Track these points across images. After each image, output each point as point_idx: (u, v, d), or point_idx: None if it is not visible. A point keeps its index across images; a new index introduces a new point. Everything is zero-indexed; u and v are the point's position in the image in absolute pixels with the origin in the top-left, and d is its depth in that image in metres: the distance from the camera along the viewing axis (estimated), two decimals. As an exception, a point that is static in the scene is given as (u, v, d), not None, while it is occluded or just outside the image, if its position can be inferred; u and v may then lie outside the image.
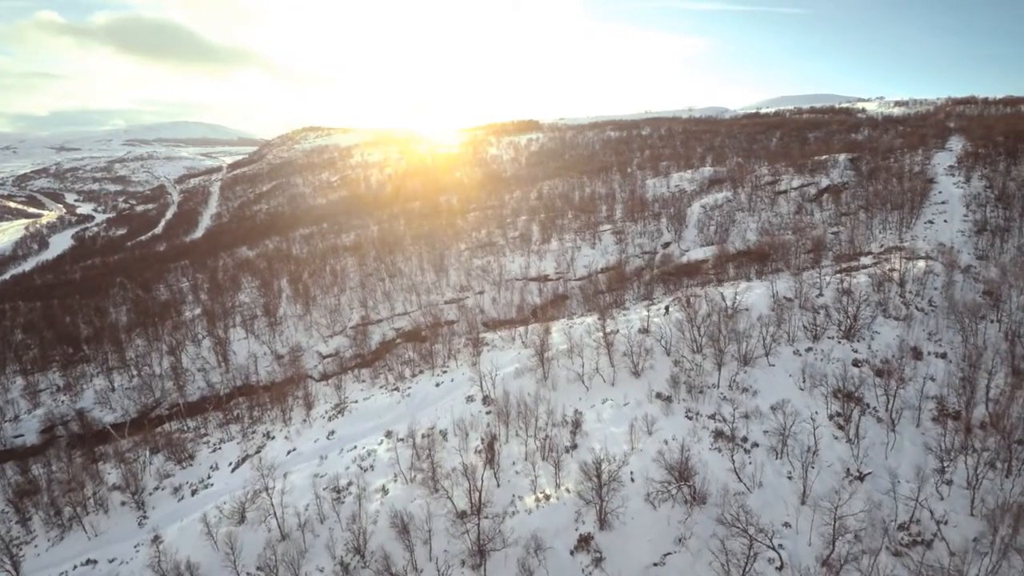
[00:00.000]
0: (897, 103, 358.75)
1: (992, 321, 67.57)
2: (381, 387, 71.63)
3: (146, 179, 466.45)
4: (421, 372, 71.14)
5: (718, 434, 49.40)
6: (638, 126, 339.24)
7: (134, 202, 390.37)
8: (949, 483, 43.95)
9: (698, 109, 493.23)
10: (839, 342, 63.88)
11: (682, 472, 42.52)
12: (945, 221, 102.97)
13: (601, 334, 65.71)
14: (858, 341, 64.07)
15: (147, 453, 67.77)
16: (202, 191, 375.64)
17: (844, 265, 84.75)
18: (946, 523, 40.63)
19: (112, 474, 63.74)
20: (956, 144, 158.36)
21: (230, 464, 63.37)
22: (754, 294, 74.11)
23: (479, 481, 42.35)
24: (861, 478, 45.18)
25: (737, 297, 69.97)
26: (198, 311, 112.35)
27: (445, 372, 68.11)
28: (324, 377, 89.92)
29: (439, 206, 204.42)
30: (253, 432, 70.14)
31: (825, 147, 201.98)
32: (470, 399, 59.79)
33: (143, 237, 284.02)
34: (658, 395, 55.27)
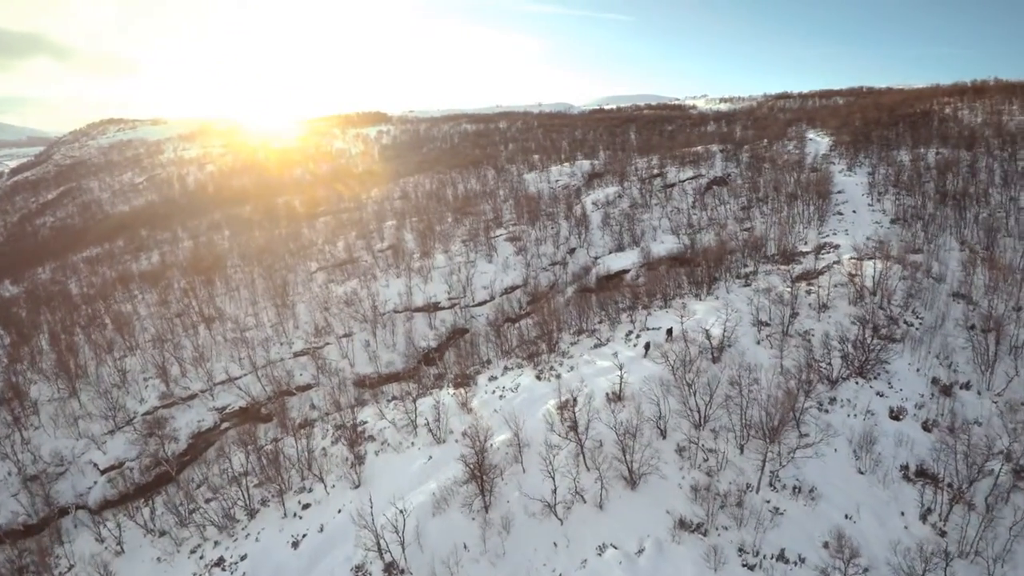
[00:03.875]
0: (722, 99, 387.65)
1: (986, 331, 58.28)
2: (188, 544, 41.10)
3: None
4: (265, 505, 41.88)
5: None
6: (494, 119, 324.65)
7: None
8: None
9: (546, 105, 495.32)
10: (856, 382, 48.64)
11: None
12: (854, 211, 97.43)
13: (554, 409, 43.01)
14: (874, 378, 49.48)
15: None
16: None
17: (797, 270, 71.88)
18: None
19: None
20: (814, 134, 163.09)
21: None
22: (720, 320, 56.90)
23: None
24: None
25: (711, 329, 51.87)
26: None
27: (306, 508, 39.90)
28: (102, 507, 55.44)
29: (277, 210, 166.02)
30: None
31: (687, 140, 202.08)
32: (360, 574, 33.01)
33: None
34: (681, 523, 33.93)
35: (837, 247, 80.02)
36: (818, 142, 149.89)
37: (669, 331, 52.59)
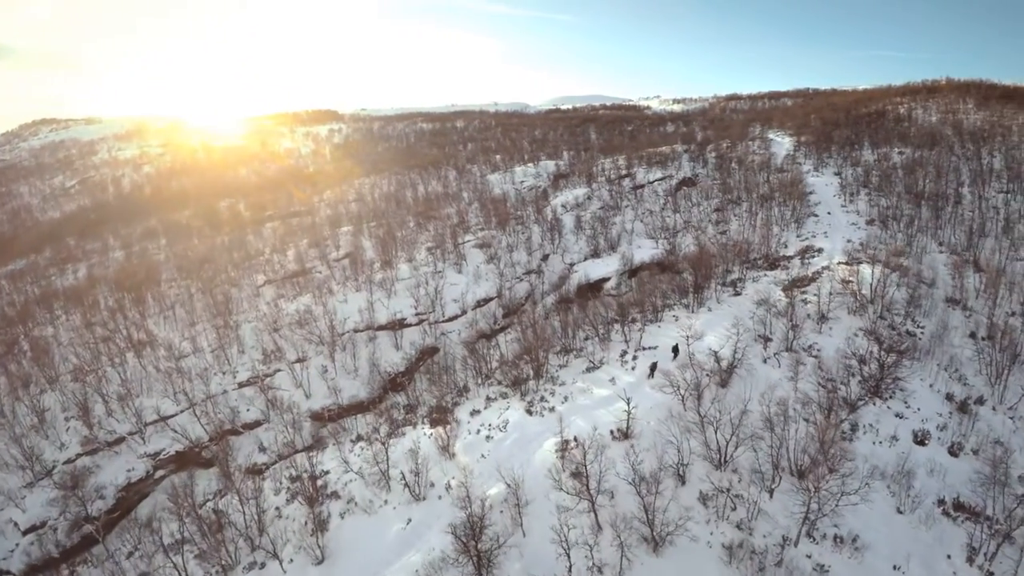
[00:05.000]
0: (675, 100, 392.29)
1: (983, 339, 55.90)
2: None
3: None
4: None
5: None
6: (451, 118, 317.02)
7: None
8: None
9: (503, 104, 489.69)
10: (874, 404, 44.65)
11: None
12: (828, 213, 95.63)
13: (554, 453, 36.88)
14: (890, 397, 45.64)
15: None
16: None
17: (786, 277, 68.30)
18: None
19: None
20: (774, 135, 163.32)
21: None
22: (719, 335, 52.18)
23: None
24: None
25: (718, 349, 46.93)
26: None
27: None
28: (28, 573, 45.64)
29: (219, 215, 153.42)
30: None
31: (649, 140, 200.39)
32: None
33: None
34: (719, 597, 28.35)
35: (820, 251, 77.34)
36: (780, 142, 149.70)
37: (675, 349, 47.40)
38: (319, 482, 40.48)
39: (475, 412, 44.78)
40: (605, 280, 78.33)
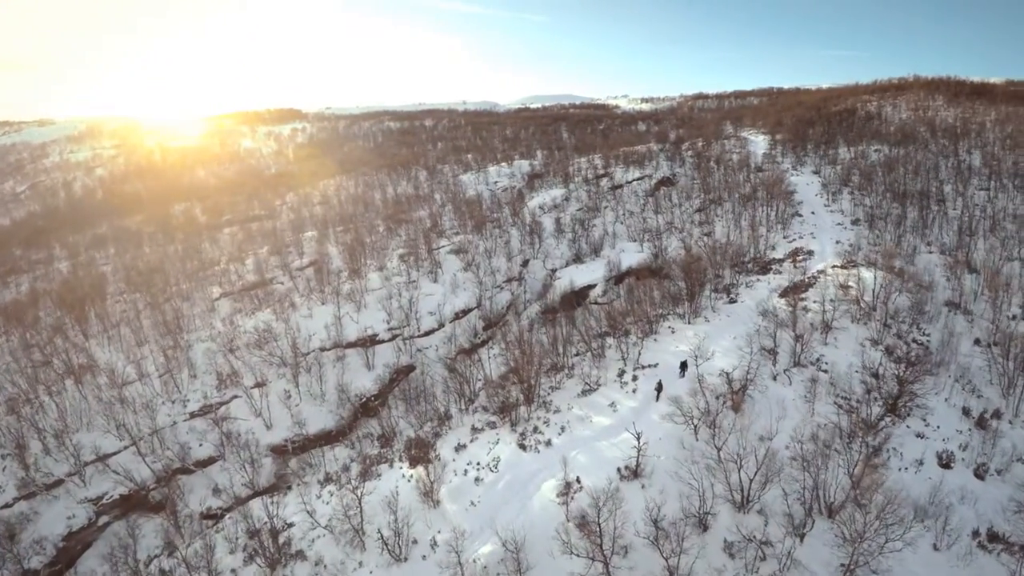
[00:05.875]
0: (643, 99, 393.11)
1: (989, 345, 53.53)
2: None
3: None
4: None
5: None
6: (419, 117, 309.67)
7: None
8: None
9: (472, 103, 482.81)
10: (893, 423, 41.29)
11: None
12: (812, 213, 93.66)
13: (555, 498, 32.10)
14: (907, 415, 42.37)
15: None
16: None
17: (780, 281, 65.14)
18: None
19: None
20: (747, 133, 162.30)
21: None
22: (723, 348, 48.26)
23: None
24: None
25: (728, 369, 42.86)
26: None
27: None
28: None
29: (174, 220, 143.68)
30: None
31: (622, 139, 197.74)
32: None
33: None
34: None
35: (811, 253, 74.76)
36: (755, 141, 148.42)
37: (683, 366, 43.26)
38: (281, 538, 34.66)
39: (460, 447, 39.56)
40: (591, 287, 74.02)
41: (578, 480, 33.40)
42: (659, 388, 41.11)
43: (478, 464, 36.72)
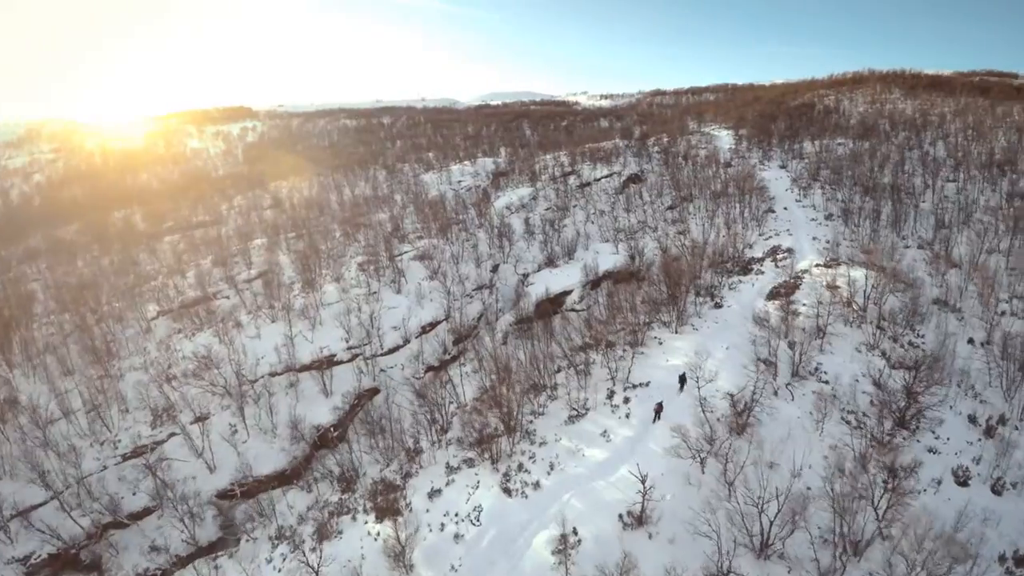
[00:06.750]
0: (603, 96, 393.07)
1: (983, 344, 51.61)
2: None
3: None
4: None
5: None
6: (376, 114, 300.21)
7: None
8: None
9: (431, 99, 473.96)
10: (903, 439, 38.25)
11: None
12: (785, 208, 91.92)
13: (550, 556, 27.32)
14: (916, 428, 39.41)
15: None
16: None
17: (764, 283, 62.20)
18: None
19: None
20: (710, 129, 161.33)
21: None
22: (718, 360, 44.47)
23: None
24: None
25: (732, 389, 39.02)
26: None
27: None
28: None
29: (112, 229, 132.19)
30: None
31: (586, 135, 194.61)
32: None
33: None
34: None
35: (790, 251, 72.31)
36: (720, 136, 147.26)
37: (682, 380, 39.33)
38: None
39: (435, 492, 34.27)
40: (567, 293, 69.54)
41: (575, 531, 28.74)
42: (658, 410, 36.91)
43: (456, 515, 31.57)
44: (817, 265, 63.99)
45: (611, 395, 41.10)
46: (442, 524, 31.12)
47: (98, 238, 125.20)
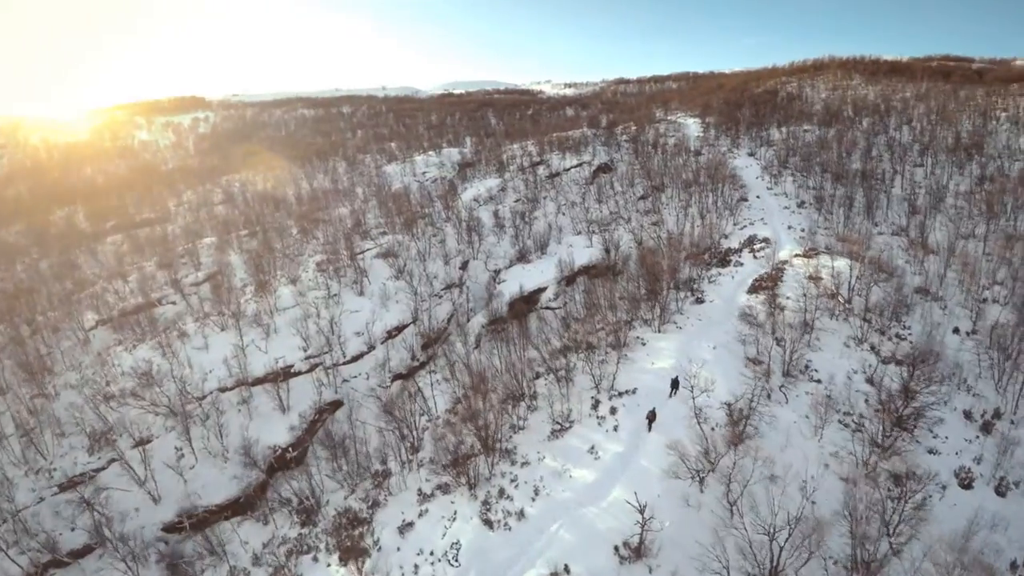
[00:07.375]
0: (567, 84, 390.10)
1: (968, 334, 50.59)
2: None
3: None
4: None
5: None
6: (336, 103, 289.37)
7: None
8: None
9: (392, 88, 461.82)
10: (901, 439, 36.34)
11: None
12: (758, 197, 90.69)
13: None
14: (914, 428, 37.62)
15: None
16: None
17: (744, 275, 60.12)
18: None
19: None
20: (677, 117, 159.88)
21: None
22: (705, 358, 41.85)
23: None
24: None
25: (725, 396, 36.35)
26: None
27: None
28: None
29: (52, 230, 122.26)
30: None
31: (553, 124, 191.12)
32: None
33: None
34: None
35: (766, 240, 70.66)
36: (687, 124, 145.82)
37: (674, 383, 36.56)
38: None
39: (406, 527, 30.50)
40: (541, 290, 66.19)
41: (567, 569, 25.49)
42: (651, 418, 33.99)
43: (432, 554, 27.94)
44: (796, 255, 62.32)
45: (596, 405, 37.98)
46: (415, 566, 27.44)
47: (38, 240, 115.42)
